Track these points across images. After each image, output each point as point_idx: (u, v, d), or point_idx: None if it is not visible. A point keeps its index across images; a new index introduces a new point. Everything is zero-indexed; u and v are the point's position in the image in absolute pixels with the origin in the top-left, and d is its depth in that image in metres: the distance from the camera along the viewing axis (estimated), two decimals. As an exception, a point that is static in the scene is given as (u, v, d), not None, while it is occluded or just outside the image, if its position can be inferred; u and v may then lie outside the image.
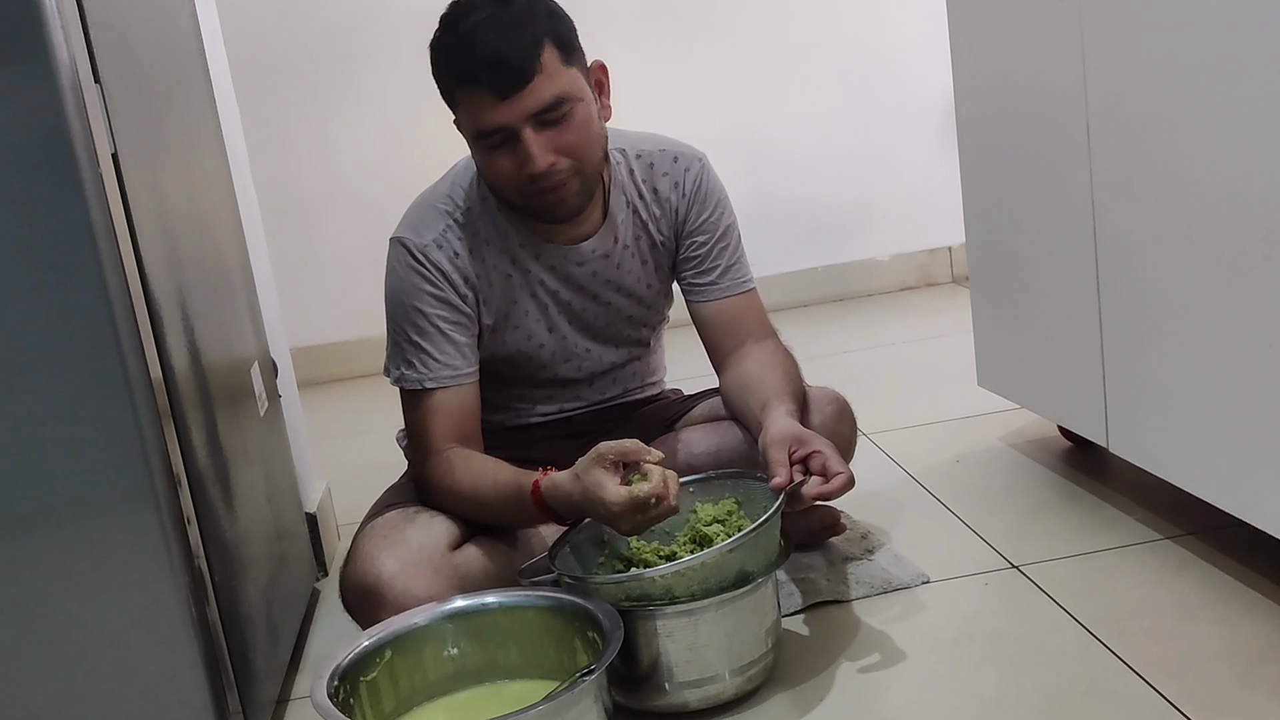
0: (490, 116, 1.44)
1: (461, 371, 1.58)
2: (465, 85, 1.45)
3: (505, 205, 1.58)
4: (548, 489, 1.41)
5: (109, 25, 1.18)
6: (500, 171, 1.48)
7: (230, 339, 1.55)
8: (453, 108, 1.51)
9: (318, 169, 3.44)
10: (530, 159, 1.45)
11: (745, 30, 3.50)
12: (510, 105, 1.43)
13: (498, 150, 1.47)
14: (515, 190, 1.50)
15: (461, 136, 1.54)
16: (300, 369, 2.30)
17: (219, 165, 1.69)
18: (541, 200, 1.50)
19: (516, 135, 1.45)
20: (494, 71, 1.42)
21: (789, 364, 1.65)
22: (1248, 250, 1.35)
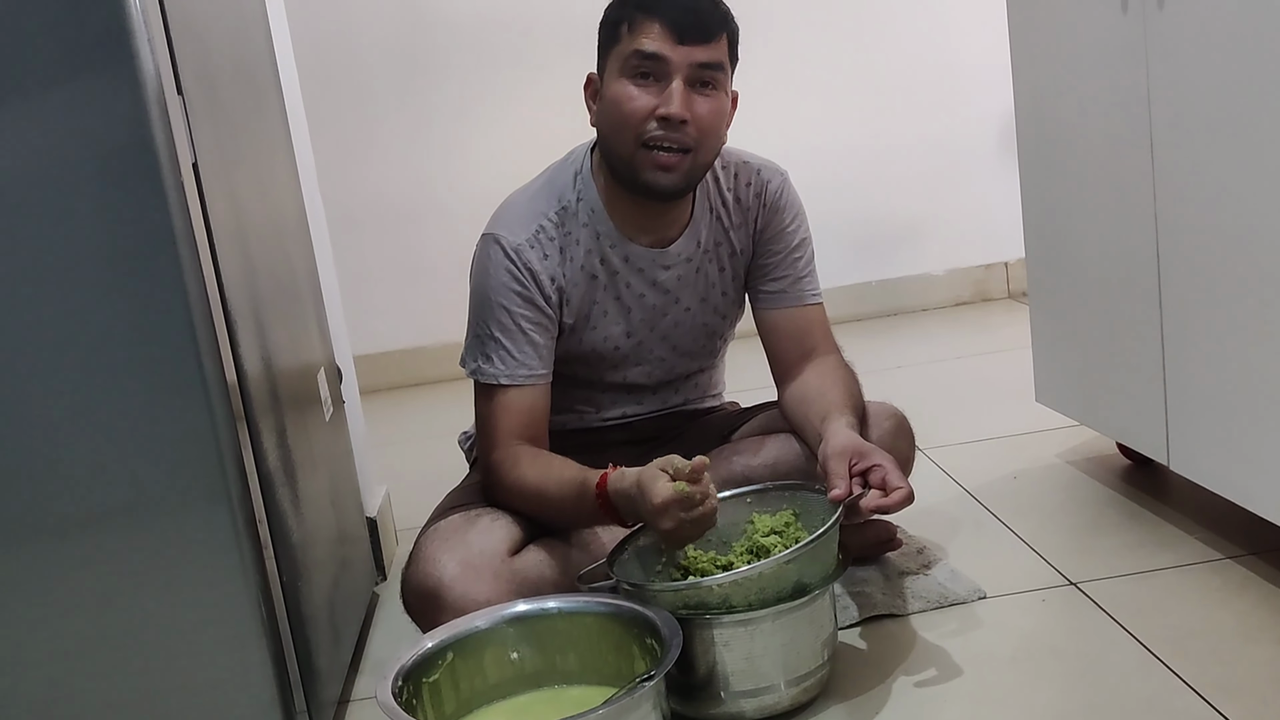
0: (657, 45, 1.52)
1: (537, 372, 1.61)
2: (648, 14, 1.53)
3: (612, 175, 1.61)
4: (614, 479, 1.44)
5: (190, 37, 1.22)
6: (633, 105, 1.53)
7: (299, 345, 1.58)
8: (613, 38, 1.57)
9: (379, 179, 3.49)
10: (672, 99, 1.52)
11: (803, 45, 3.51)
12: (682, 49, 1.52)
13: (643, 82, 1.53)
14: (633, 136, 1.54)
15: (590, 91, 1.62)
16: (361, 375, 2.34)
17: (289, 174, 1.73)
18: (651, 160, 1.54)
19: (668, 77, 1.52)
20: (685, 13, 1.52)
21: (850, 379, 1.66)
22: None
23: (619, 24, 1.56)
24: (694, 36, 1.52)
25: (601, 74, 1.60)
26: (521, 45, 3.47)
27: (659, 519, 1.36)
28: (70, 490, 1.16)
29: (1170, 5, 1.53)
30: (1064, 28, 1.83)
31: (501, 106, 3.49)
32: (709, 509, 1.36)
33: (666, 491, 1.34)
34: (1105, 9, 1.67)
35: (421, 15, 3.44)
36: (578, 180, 1.64)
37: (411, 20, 3.44)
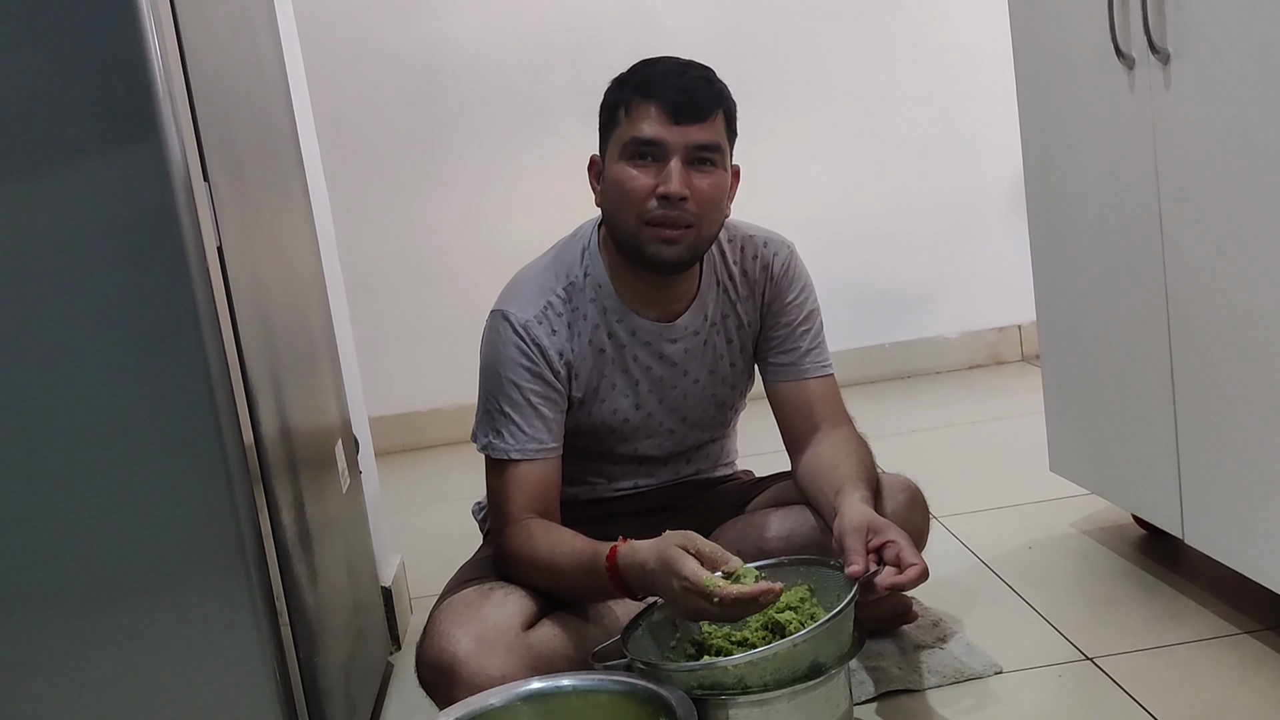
0: (654, 129, 1.55)
1: (547, 446, 1.62)
2: (644, 99, 1.56)
3: (617, 251, 1.63)
4: (624, 553, 1.44)
5: (217, 124, 1.25)
6: (634, 186, 1.56)
7: (317, 417, 1.60)
8: (612, 123, 1.60)
9: (397, 242, 3.54)
10: (670, 179, 1.54)
11: (815, 110, 3.56)
12: (678, 130, 1.55)
13: (641, 163, 1.56)
14: (636, 213, 1.56)
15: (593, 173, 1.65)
16: (376, 438, 2.35)
17: (309, 245, 1.76)
18: (655, 234, 1.57)
19: (666, 157, 1.55)
20: (679, 94, 1.55)
21: (863, 450, 1.67)
22: (1327, 347, 1.34)
23: (617, 108, 1.60)
24: (689, 117, 1.55)
25: (603, 155, 1.63)
26: (538, 114, 3.52)
27: (679, 600, 1.36)
28: (90, 566, 1.17)
29: (1176, 85, 1.55)
30: (1073, 103, 1.85)
31: (517, 173, 3.54)
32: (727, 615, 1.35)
33: (694, 571, 1.34)
34: (1113, 87, 1.70)
35: (440, 83, 3.50)
36: (585, 256, 1.67)
37: (430, 88, 3.50)
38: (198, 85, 1.19)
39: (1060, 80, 1.89)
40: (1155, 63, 1.58)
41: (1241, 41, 1.42)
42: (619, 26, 3.50)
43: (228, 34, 1.40)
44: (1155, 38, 1.56)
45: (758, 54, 3.55)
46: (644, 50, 3.53)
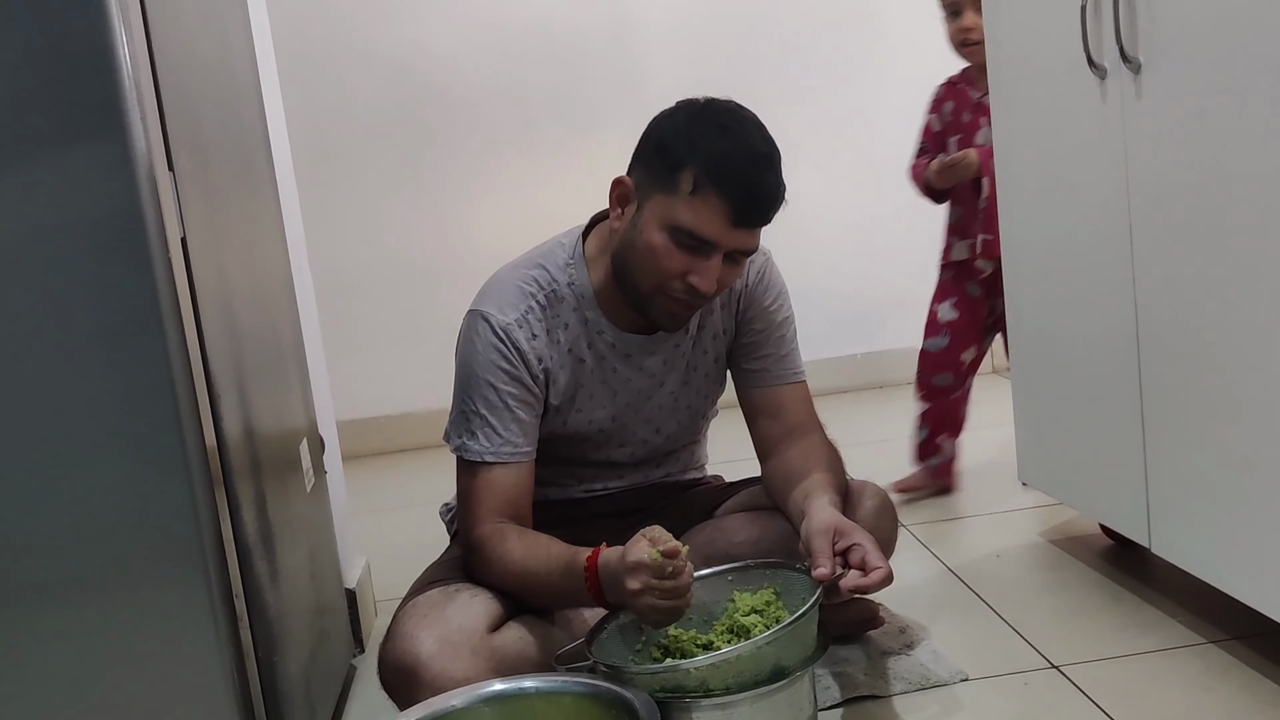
0: (713, 230, 1.49)
1: (521, 449, 1.61)
2: (719, 192, 1.48)
3: (615, 279, 1.61)
4: (605, 556, 1.44)
5: (184, 114, 1.23)
6: (667, 264, 1.52)
7: (282, 416, 1.58)
8: (668, 183, 1.51)
9: (371, 245, 3.52)
10: (707, 277, 1.52)
11: (792, 120, 3.55)
12: (736, 234, 1.51)
13: (682, 248, 1.51)
14: (659, 283, 1.54)
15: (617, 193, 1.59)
16: (344, 441, 2.33)
17: (278, 244, 1.74)
18: (668, 306, 1.56)
19: (710, 253, 1.51)
20: (751, 201, 1.50)
21: (833, 457, 1.67)
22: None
23: (680, 169, 1.50)
24: (752, 224, 1.52)
25: (642, 197, 1.55)
26: (514, 118, 3.52)
27: (628, 578, 1.37)
28: (46, 562, 1.15)
29: (1148, 96, 1.56)
30: (1045, 112, 1.86)
31: (492, 177, 3.53)
32: (680, 585, 1.35)
33: (641, 553, 1.36)
34: (1085, 97, 1.71)
35: (416, 86, 3.49)
36: (569, 266, 1.65)
37: (406, 91, 3.49)
38: (165, 77, 1.18)
39: (1033, 90, 1.90)
40: (1127, 72, 1.59)
41: (1211, 52, 1.43)
42: (597, 32, 3.51)
43: (198, 28, 1.39)
44: (1127, 48, 1.57)
45: (735, 63, 3.56)
46: (624, 61, 3.51)
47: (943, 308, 2.52)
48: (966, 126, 2.44)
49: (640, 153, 1.58)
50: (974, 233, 2.44)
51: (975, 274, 2.48)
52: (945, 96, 2.50)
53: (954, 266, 2.51)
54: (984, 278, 2.47)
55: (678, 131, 1.53)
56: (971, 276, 2.48)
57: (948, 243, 2.51)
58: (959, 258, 2.48)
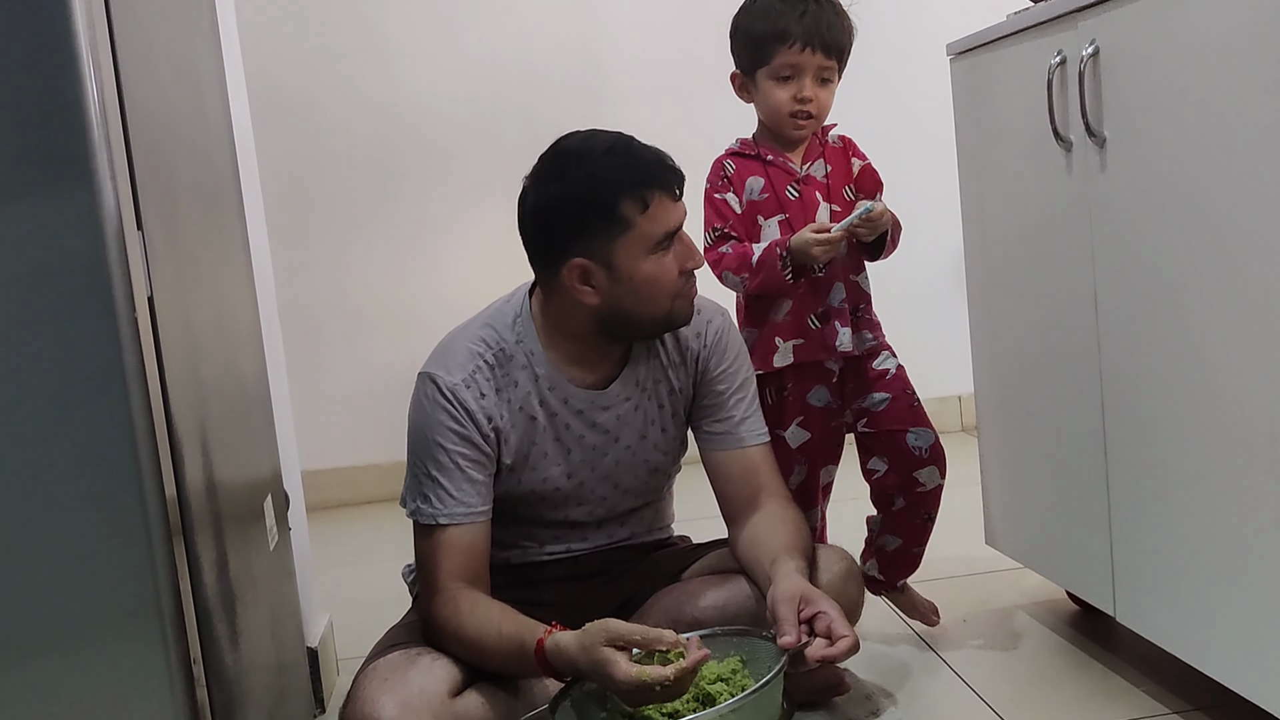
0: (675, 216, 1.59)
1: (476, 510, 1.60)
2: (657, 188, 1.57)
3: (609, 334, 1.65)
4: (551, 650, 1.43)
5: (155, 172, 1.23)
6: (671, 277, 1.60)
7: (246, 472, 1.56)
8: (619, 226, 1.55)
9: (342, 296, 3.50)
10: (695, 252, 1.63)
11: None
12: (681, 205, 1.61)
13: (666, 253, 1.59)
14: (673, 293, 1.61)
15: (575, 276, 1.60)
16: (309, 492, 2.31)
17: (246, 297, 1.73)
18: (685, 304, 1.64)
19: (680, 238, 1.61)
20: (674, 173, 1.60)
21: (798, 520, 1.67)
22: (1254, 429, 1.36)
23: (620, 208, 1.54)
24: (682, 190, 1.61)
25: (602, 261, 1.56)
26: (489, 169, 3.52)
27: (624, 698, 1.37)
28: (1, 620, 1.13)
29: (1113, 169, 1.58)
30: (1012, 182, 1.89)
31: (466, 227, 3.53)
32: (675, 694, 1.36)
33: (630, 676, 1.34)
34: (1051, 168, 1.73)
35: (391, 135, 3.49)
36: (517, 323, 1.66)
37: (381, 140, 3.49)
38: (136, 132, 1.17)
39: (1000, 160, 1.93)
40: (1092, 146, 1.61)
41: (1172, 127, 1.45)
42: (573, 80, 3.53)
43: (170, 81, 1.39)
44: (1092, 123, 1.60)
45: (712, 111, 3.57)
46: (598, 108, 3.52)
47: (791, 431, 1.94)
48: (796, 204, 1.91)
49: (565, 232, 1.57)
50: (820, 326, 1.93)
51: (822, 377, 1.95)
52: (747, 170, 1.94)
53: (787, 375, 1.92)
54: (835, 380, 1.96)
55: (585, 184, 1.56)
56: (818, 380, 1.94)
57: (767, 344, 1.91)
58: (784, 362, 1.91)
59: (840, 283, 1.95)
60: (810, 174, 1.95)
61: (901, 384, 1.99)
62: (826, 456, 2.01)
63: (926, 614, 2.05)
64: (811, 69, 1.86)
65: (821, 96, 1.90)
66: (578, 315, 1.62)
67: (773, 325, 1.92)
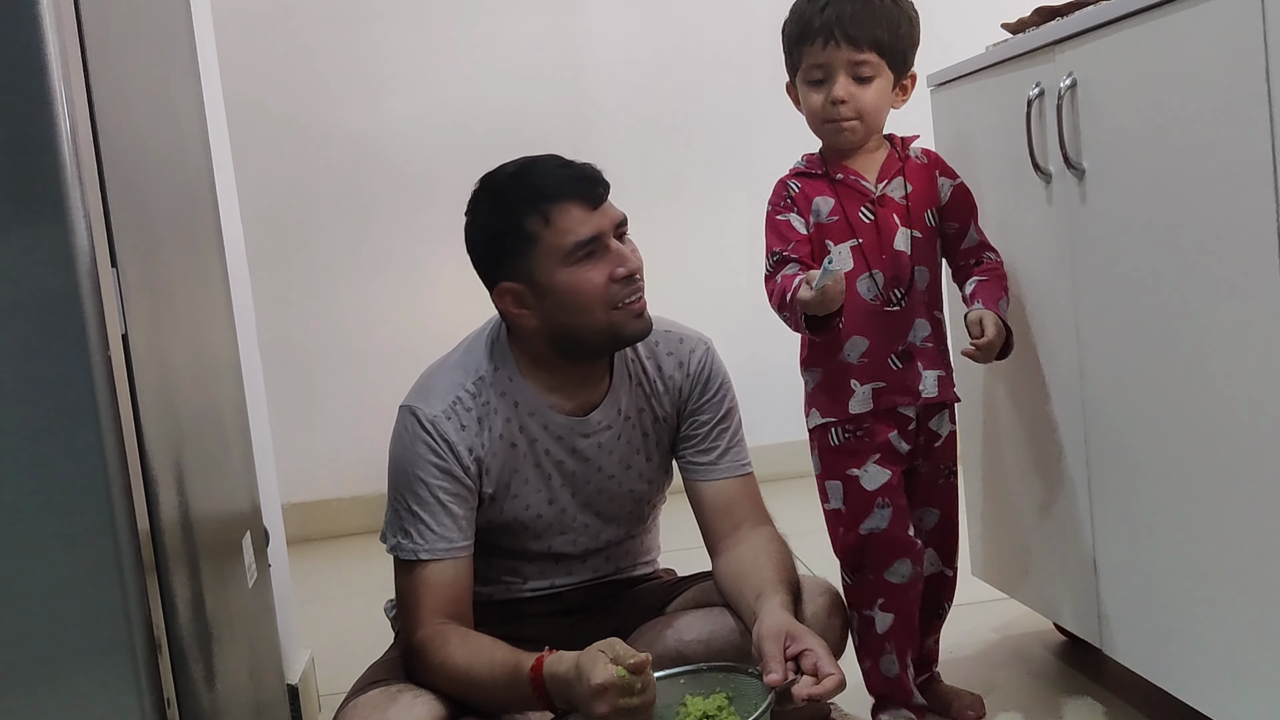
0: (589, 225, 1.55)
1: (457, 544, 1.58)
2: (559, 201, 1.55)
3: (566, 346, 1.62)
4: (551, 662, 1.41)
5: (131, 209, 1.22)
6: (595, 282, 1.56)
7: (224, 509, 1.55)
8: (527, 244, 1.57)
9: (324, 328, 3.49)
10: (626, 258, 1.58)
11: (742, 202, 3.57)
12: (601, 212, 1.57)
13: (588, 262, 1.56)
14: (604, 303, 1.57)
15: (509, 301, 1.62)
16: (291, 525, 2.29)
17: (226, 331, 1.72)
18: (626, 314, 1.59)
19: (605, 245, 1.56)
20: (586, 181, 1.57)
21: (784, 552, 1.65)
22: (1237, 459, 1.36)
23: (524, 226, 1.57)
24: (603, 197, 1.59)
25: (527, 282, 1.59)
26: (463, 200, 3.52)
27: (595, 702, 1.33)
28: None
29: (1092, 200, 1.59)
30: (992, 213, 1.89)
31: (448, 259, 3.48)
32: (647, 700, 1.33)
33: (607, 674, 1.33)
34: (1031, 199, 1.74)
35: (373, 168, 3.50)
36: (494, 350, 1.65)
37: (363, 172, 3.50)
38: (111, 169, 1.16)
39: (981, 191, 1.92)
40: (1071, 178, 1.62)
41: (1150, 159, 1.46)
42: (557, 111, 3.54)
43: (148, 117, 1.38)
44: (1071, 154, 1.60)
45: (695, 141, 3.60)
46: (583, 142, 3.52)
47: (865, 470, 1.70)
48: (870, 229, 1.69)
49: (491, 262, 1.63)
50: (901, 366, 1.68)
51: (899, 423, 1.70)
52: (815, 190, 1.72)
53: (857, 423, 1.69)
54: (911, 428, 1.71)
55: (494, 211, 1.62)
56: (894, 425, 1.70)
57: (839, 387, 1.69)
58: (862, 409, 1.68)
59: (923, 319, 1.71)
60: (887, 194, 1.71)
61: (942, 455, 1.76)
62: (920, 497, 1.76)
63: (964, 711, 1.79)
64: (842, 65, 1.64)
65: (860, 96, 1.66)
66: (533, 341, 1.63)
67: (845, 365, 1.68)
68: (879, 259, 1.68)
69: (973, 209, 1.77)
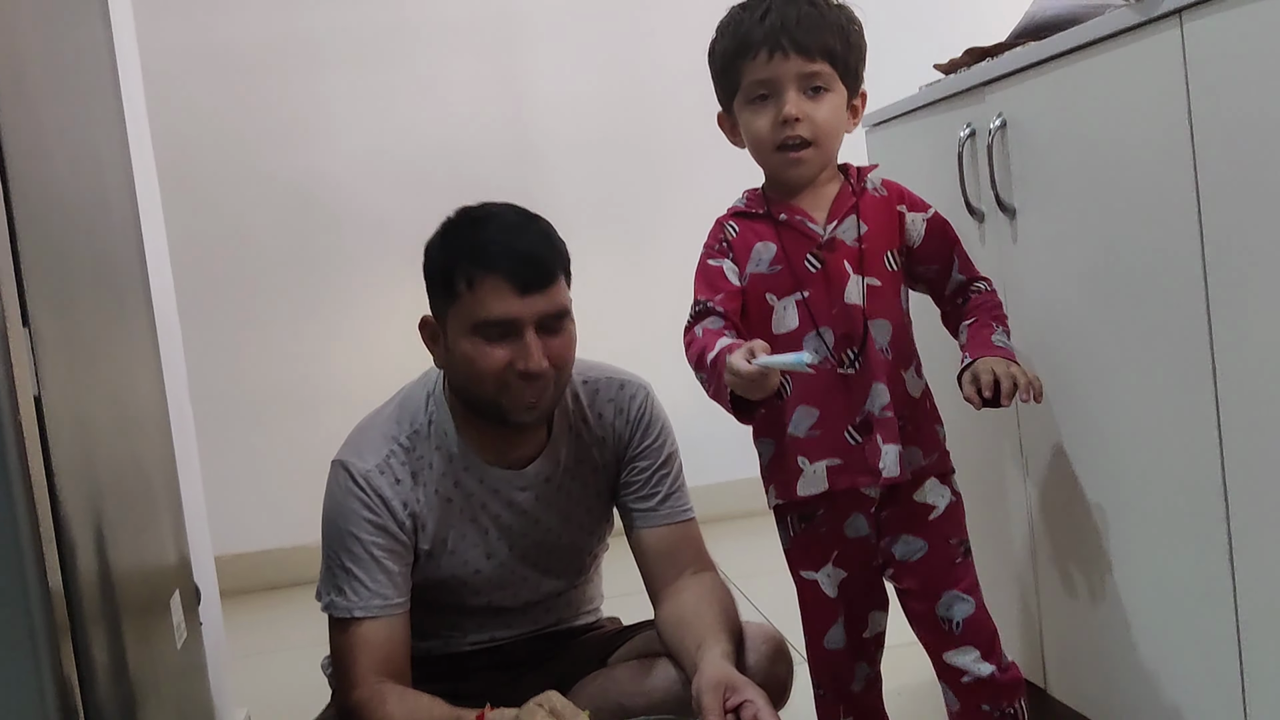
0: (504, 307, 1.49)
1: (393, 601, 1.55)
2: (488, 271, 1.50)
3: (468, 407, 1.59)
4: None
5: (47, 267, 1.19)
6: (490, 362, 1.51)
7: (150, 568, 1.50)
8: (449, 294, 1.53)
9: (256, 376, 3.44)
10: (530, 356, 1.50)
11: (690, 236, 3.58)
12: (528, 301, 1.50)
13: (494, 342, 1.51)
14: (495, 383, 1.52)
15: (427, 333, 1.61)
16: (229, 578, 2.24)
17: (151, 381, 1.68)
18: (519, 399, 1.53)
19: (519, 332, 1.50)
20: (524, 264, 1.49)
21: (726, 599, 1.64)
22: (1171, 503, 1.37)
23: (453, 278, 1.53)
24: (536, 285, 1.51)
25: (441, 322, 1.58)
26: (413, 245, 3.46)
27: None
28: None
29: (1024, 239, 1.60)
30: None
31: (390, 304, 3.48)
32: None
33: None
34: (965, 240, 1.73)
35: (315, 212, 3.47)
36: (430, 402, 1.63)
37: (304, 217, 3.47)
38: (24, 227, 1.13)
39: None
40: (1003, 218, 1.63)
41: (1079, 198, 1.47)
42: (499, 156, 3.53)
43: (66, 170, 1.35)
44: (1002, 194, 1.62)
45: (639, 183, 3.60)
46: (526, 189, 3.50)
47: (825, 574, 1.51)
48: (818, 279, 1.45)
49: (427, 287, 1.61)
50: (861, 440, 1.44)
51: (860, 504, 1.49)
52: (755, 234, 1.49)
53: (815, 504, 1.48)
54: (874, 509, 1.49)
55: (441, 247, 1.58)
56: (853, 509, 1.49)
57: (787, 465, 1.47)
58: (814, 490, 1.45)
59: (881, 383, 1.44)
60: (837, 236, 1.45)
61: (948, 529, 1.49)
62: (871, 599, 1.54)
63: None
64: (791, 79, 1.41)
65: (814, 112, 1.42)
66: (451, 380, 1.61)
67: (793, 440, 1.45)
68: (828, 314, 1.43)
69: (953, 243, 1.53)
